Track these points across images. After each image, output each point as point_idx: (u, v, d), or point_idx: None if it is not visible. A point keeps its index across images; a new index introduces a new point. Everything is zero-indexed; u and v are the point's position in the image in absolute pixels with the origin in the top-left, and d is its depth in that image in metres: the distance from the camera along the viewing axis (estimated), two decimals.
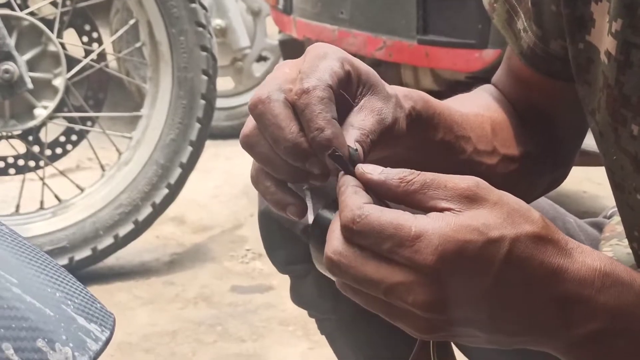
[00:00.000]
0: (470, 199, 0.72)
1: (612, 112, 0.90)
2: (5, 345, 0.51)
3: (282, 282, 2.49)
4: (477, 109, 1.02)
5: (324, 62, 0.81)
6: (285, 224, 1.19)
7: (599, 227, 1.24)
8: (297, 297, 1.27)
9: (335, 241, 0.73)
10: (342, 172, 0.77)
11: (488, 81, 1.14)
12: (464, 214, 0.71)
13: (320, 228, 0.78)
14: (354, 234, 0.71)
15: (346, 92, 0.82)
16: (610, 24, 0.88)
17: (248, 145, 0.81)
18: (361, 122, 0.81)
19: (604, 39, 0.89)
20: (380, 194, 0.74)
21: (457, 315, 0.72)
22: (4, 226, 0.64)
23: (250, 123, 0.81)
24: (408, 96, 0.89)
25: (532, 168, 1.06)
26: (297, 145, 0.78)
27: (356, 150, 0.78)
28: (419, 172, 0.73)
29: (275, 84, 0.80)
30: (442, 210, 0.71)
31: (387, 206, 0.73)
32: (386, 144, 0.84)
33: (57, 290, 0.57)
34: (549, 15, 0.99)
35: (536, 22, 1.01)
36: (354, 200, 0.73)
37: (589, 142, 2.22)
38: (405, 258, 0.70)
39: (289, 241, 1.17)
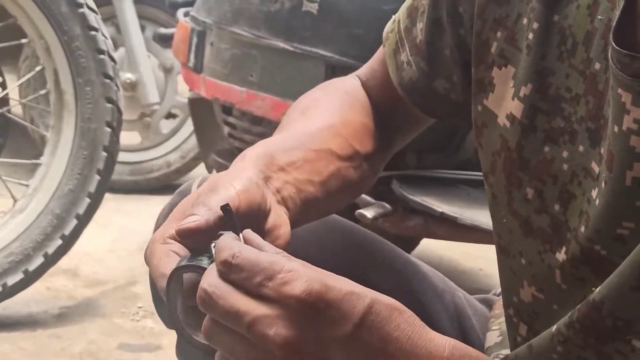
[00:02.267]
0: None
1: (508, 174, 0.92)
2: None
3: (172, 342, 2.44)
4: (332, 118, 1.08)
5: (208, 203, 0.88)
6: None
7: (489, 304, 1.26)
8: (182, 353, 1.25)
9: (210, 276, 0.76)
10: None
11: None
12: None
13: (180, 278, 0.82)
14: (230, 268, 0.75)
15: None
16: (518, 88, 0.90)
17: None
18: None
19: (506, 104, 0.92)
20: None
21: (311, 358, 0.74)
22: None
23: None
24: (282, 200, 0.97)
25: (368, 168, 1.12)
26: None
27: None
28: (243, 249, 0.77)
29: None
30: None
31: None
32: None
33: None
34: (442, 57, 1.04)
35: (426, 60, 1.05)
36: (232, 242, 0.77)
37: (483, 219, 2.26)
38: (274, 290, 0.74)
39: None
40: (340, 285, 0.75)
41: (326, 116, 1.09)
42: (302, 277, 0.74)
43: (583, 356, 0.83)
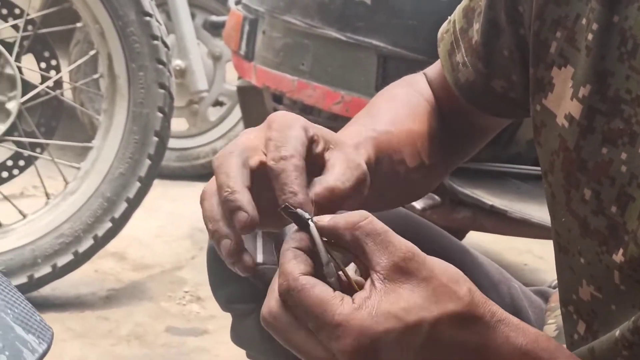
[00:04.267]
0: (401, 270, 0.75)
1: (567, 174, 0.92)
2: None
3: (218, 327, 2.47)
4: (410, 123, 1.08)
5: (292, 131, 0.86)
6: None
7: (544, 296, 1.26)
8: (237, 336, 1.26)
9: (272, 302, 0.76)
10: (294, 229, 0.80)
11: None
12: (386, 295, 0.74)
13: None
14: (287, 302, 0.75)
15: (311, 153, 0.87)
16: (577, 88, 0.90)
17: (203, 198, 0.86)
18: (337, 176, 0.86)
19: (565, 104, 0.92)
20: (330, 239, 0.78)
21: None
22: None
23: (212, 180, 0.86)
24: (361, 146, 0.95)
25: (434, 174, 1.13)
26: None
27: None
28: (368, 218, 0.76)
29: (238, 147, 0.85)
30: (372, 269, 0.75)
31: (338, 265, 0.77)
32: (360, 191, 0.88)
33: None
34: (500, 58, 1.04)
35: (483, 61, 1.05)
36: (291, 267, 0.76)
37: (533, 214, 2.26)
38: (326, 341, 0.74)
39: (233, 279, 1.17)
40: (391, 322, 0.73)
41: (406, 119, 1.09)
42: (352, 333, 0.73)
43: None
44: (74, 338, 2.37)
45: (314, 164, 0.87)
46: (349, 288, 0.77)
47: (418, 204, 2.26)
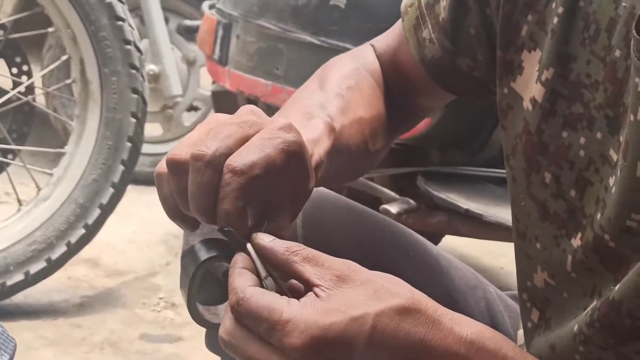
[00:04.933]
0: (341, 279, 0.78)
1: (528, 158, 0.92)
2: None
3: (193, 333, 2.45)
4: (360, 110, 1.07)
5: (262, 141, 0.84)
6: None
7: None
8: (211, 343, 1.25)
9: (226, 321, 0.78)
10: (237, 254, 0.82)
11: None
12: (330, 298, 0.77)
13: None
14: (238, 315, 0.77)
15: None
16: (541, 72, 0.90)
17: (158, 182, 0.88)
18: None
19: (530, 87, 0.92)
20: (267, 259, 0.81)
21: None
22: None
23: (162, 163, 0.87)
24: (317, 167, 0.95)
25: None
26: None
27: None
28: (304, 247, 0.80)
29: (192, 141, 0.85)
30: (313, 285, 0.77)
31: (275, 280, 0.80)
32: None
33: None
34: (466, 36, 1.03)
35: (450, 38, 1.05)
36: (238, 282, 0.78)
37: (508, 217, 2.25)
38: (277, 342, 0.75)
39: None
40: (336, 316, 0.75)
41: (358, 106, 1.08)
42: (299, 326, 0.75)
43: (604, 357, 0.83)
44: (46, 346, 2.34)
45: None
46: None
47: (393, 209, 2.25)
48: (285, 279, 0.80)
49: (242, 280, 0.79)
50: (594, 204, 0.86)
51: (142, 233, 3.14)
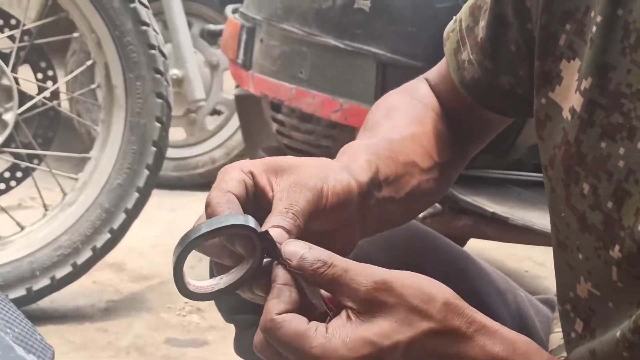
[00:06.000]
0: (370, 303, 0.78)
1: (567, 168, 0.91)
2: None
3: (218, 337, 2.45)
4: (412, 128, 1.07)
5: (225, 175, 0.87)
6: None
7: (551, 305, 1.24)
8: (241, 347, 1.25)
9: (258, 335, 0.80)
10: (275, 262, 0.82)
11: None
12: (360, 324, 0.77)
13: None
14: (269, 338, 0.78)
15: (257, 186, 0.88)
16: (580, 81, 0.90)
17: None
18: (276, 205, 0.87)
19: (570, 97, 0.91)
20: (300, 276, 0.80)
21: None
22: None
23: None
24: (352, 161, 0.95)
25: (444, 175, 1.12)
26: None
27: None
28: (332, 262, 0.79)
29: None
30: (344, 307, 0.78)
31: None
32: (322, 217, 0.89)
33: None
34: (507, 53, 1.03)
35: (489, 57, 1.04)
36: (270, 306, 0.79)
37: (535, 220, 2.24)
38: None
39: None
40: (367, 348, 0.76)
41: (408, 124, 1.08)
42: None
43: None
44: (73, 351, 2.35)
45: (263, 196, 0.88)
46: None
47: None
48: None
49: (274, 303, 0.79)
50: (633, 215, 0.85)
51: (166, 237, 3.14)
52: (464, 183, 2.31)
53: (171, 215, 3.34)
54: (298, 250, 0.80)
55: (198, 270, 2.85)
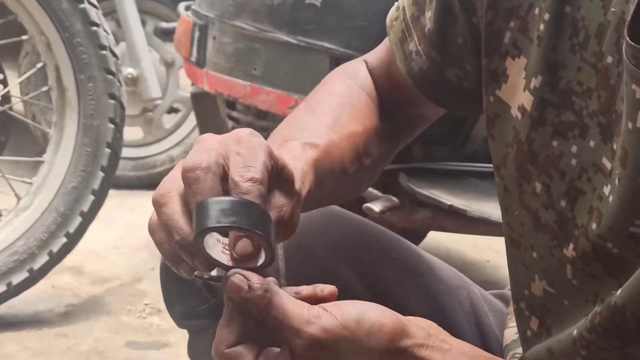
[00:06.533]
0: (313, 346, 0.81)
1: (519, 167, 0.91)
2: None
3: (179, 339, 2.43)
4: (352, 125, 1.06)
5: (261, 155, 0.84)
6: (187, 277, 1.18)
7: (505, 300, 1.24)
8: (194, 352, 1.24)
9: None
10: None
11: None
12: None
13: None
14: None
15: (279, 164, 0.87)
16: (529, 80, 0.89)
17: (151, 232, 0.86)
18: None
19: (518, 95, 0.90)
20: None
21: None
22: None
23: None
24: (303, 179, 0.94)
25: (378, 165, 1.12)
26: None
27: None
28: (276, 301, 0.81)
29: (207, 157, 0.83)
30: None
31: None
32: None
33: None
34: (454, 45, 1.01)
35: (437, 48, 1.03)
36: (223, 337, 0.81)
37: (492, 212, 2.24)
38: None
39: (188, 295, 1.16)
40: None
41: (349, 121, 1.07)
42: None
43: (608, 358, 0.82)
44: (31, 357, 2.32)
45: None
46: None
47: (376, 207, 2.23)
48: None
49: (226, 333, 0.82)
50: (587, 214, 0.84)
51: (126, 238, 3.12)
52: (421, 176, 2.31)
53: (131, 216, 3.31)
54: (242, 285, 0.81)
55: (158, 272, 2.83)
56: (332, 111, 1.06)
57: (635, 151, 0.78)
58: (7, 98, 2.61)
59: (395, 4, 1.11)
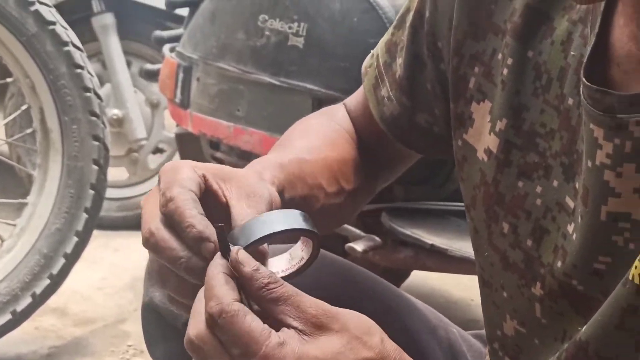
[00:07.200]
0: (316, 326, 0.78)
1: (487, 208, 0.93)
2: None
3: None
4: (326, 151, 1.07)
5: (179, 174, 0.85)
6: (168, 318, 1.18)
7: (483, 340, 1.25)
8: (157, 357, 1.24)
9: (200, 324, 0.77)
10: (217, 254, 0.79)
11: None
12: (307, 342, 0.77)
13: None
14: (216, 326, 0.76)
15: (210, 193, 0.87)
16: (494, 123, 0.91)
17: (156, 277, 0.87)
18: (238, 212, 0.86)
19: (483, 138, 0.92)
20: (243, 286, 0.78)
21: None
22: None
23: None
24: (266, 171, 0.95)
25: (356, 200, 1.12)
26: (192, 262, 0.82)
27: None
28: (283, 283, 0.78)
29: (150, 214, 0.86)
30: (288, 326, 0.77)
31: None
32: None
33: None
34: (423, 91, 1.04)
35: (407, 94, 1.05)
36: (224, 292, 0.77)
37: (472, 251, 2.24)
38: None
39: (170, 336, 1.16)
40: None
41: (322, 146, 1.09)
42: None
43: None
44: None
45: (214, 204, 0.87)
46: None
47: (359, 246, 2.24)
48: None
49: (227, 290, 0.77)
50: (552, 253, 0.86)
51: (110, 279, 3.11)
52: (403, 216, 2.32)
53: (115, 257, 3.31)
54: (252, 260, 0.79)
55: (133, 319, 2.82)
56: (305, 139, 1.08)
57: (595, 189, 0.80)
58: None
59: (371, 52, 1.14)
